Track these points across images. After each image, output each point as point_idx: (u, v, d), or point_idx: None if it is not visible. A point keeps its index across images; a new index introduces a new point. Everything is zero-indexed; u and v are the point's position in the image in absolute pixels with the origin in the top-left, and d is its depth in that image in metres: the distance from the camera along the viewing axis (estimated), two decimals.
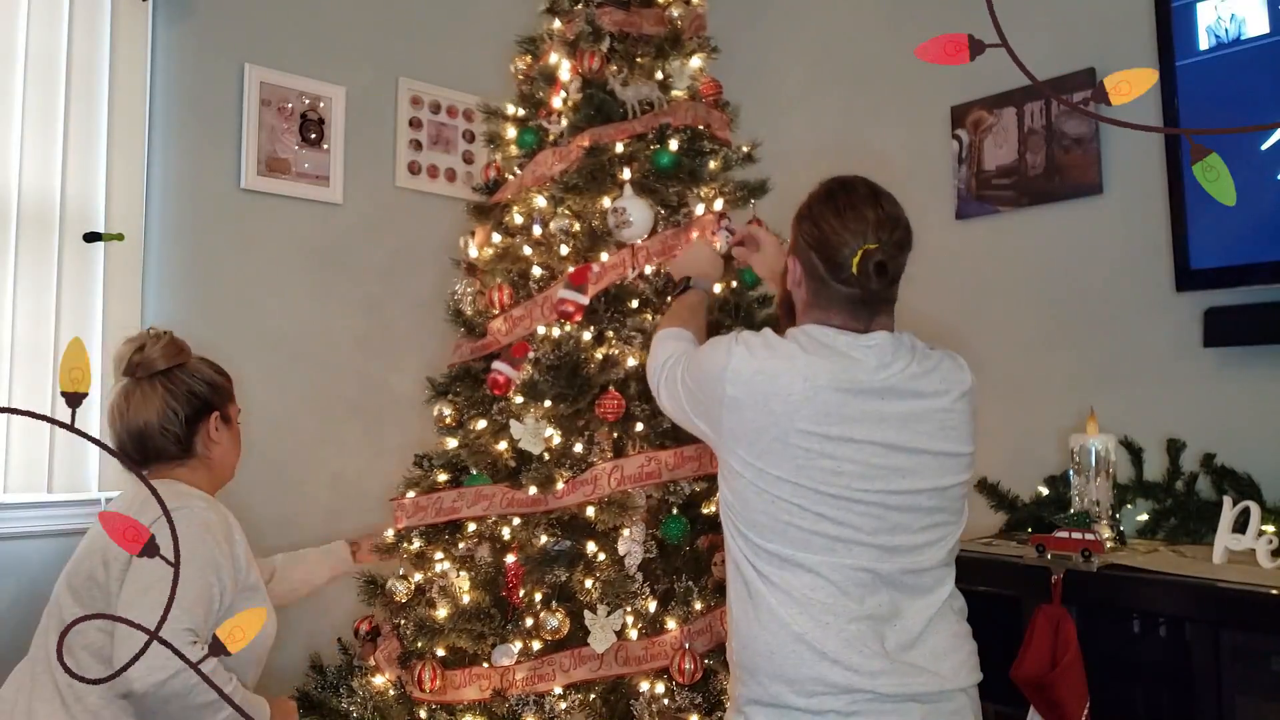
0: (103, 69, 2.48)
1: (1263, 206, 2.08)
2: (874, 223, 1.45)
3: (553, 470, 2.00)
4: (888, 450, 1.39)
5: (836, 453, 1.37)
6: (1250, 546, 1.89)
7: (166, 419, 1.80)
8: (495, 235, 2.35)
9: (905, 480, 1.40)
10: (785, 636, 1.34)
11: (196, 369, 1.88)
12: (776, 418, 1.38)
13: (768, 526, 1.38)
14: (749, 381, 1.42)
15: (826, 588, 1.35)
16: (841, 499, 1.36)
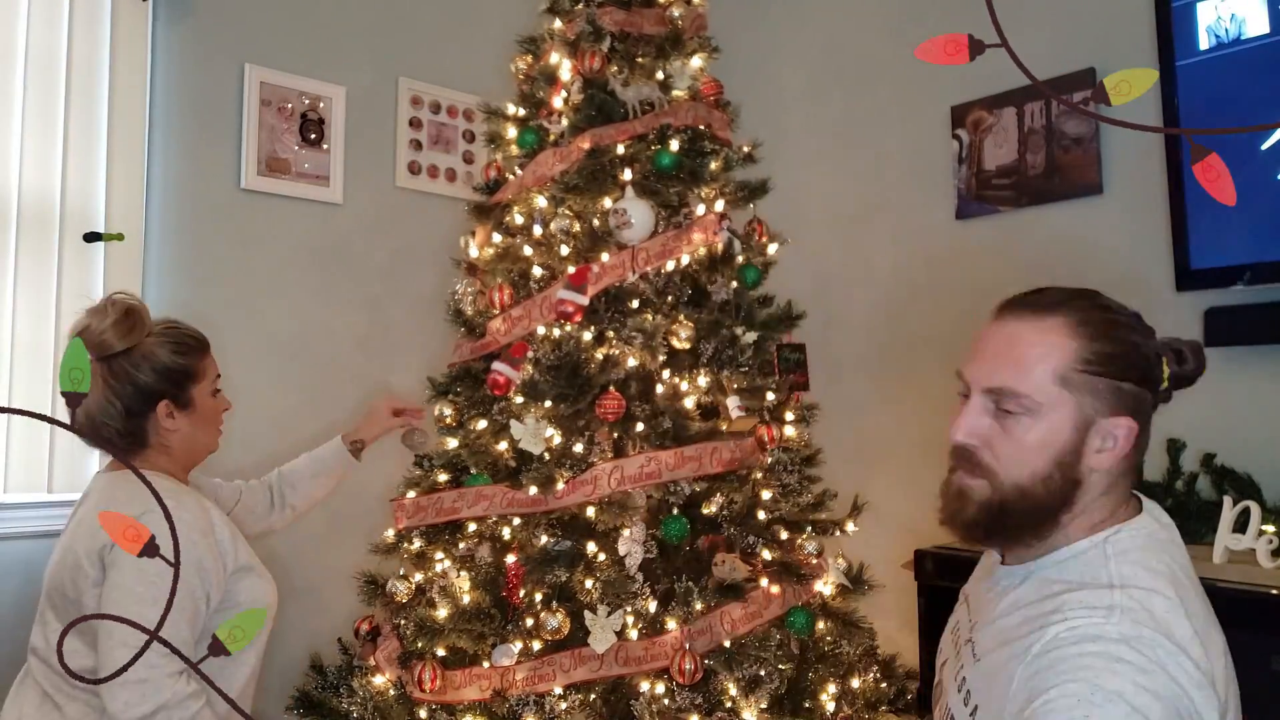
0: (103, 69, 2.48)
1: (1263, 206, 2.08)
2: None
3: (553, 470, 1.99)
4: None
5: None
6: (1250, 546, 1.89)
7: (104, 410, 1.66)
8: (496, 235, 2.34)
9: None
10: None
11: (148, 352, 1.69)
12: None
13: None
14: None
15: None
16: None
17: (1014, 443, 1.09)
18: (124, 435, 1.69)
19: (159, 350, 1.71)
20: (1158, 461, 2.29)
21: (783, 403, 2.19)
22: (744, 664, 1.87)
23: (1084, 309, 1.11)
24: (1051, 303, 1.12)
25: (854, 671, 2.06)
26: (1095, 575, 1.03)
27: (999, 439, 1.10)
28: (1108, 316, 1.11)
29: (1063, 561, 1.08)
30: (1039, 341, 1.09)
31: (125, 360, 1.67)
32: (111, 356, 1.66)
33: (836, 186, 3.19)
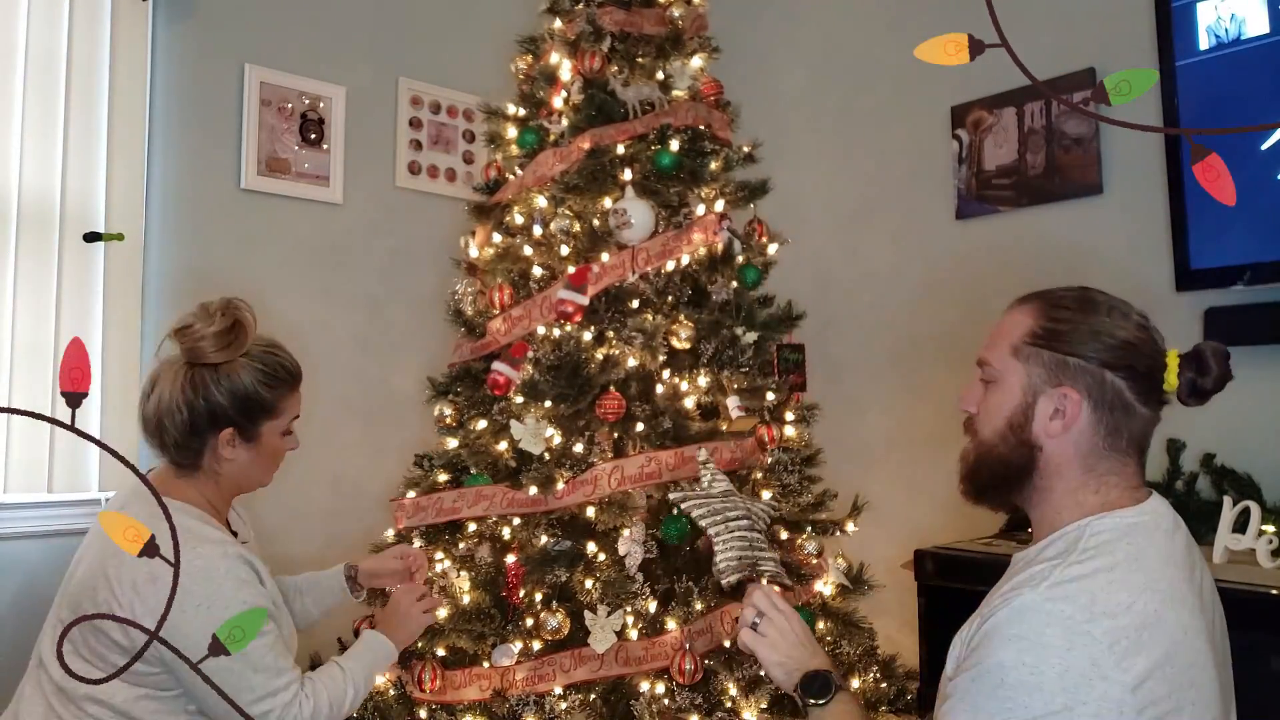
0: (103, 69, 2.48)
1: (1263, 206, 2.08)
2: (1150, 327, 1.18)
3: (553, 470, 1.99)
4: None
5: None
6: (1250, 546, 1.89)
7: (171, 416, 1.55)
8: (496, 235, 2.34)
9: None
10: None
11: (233, 373, 1.57)
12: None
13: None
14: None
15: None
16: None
17: (986, 406, 1.24)
18: (179, 447, 1.58)
19: (244, 374, 1.59)
20: (1158, 461, 2.29)
21: (783, 403, 2.19)
22: (744, 664, 1.87)
23: (1059, 296, 1.22)
24: (1041, 292, 1.24)
25: (854, 671, 2.06)
26: (1060, 555, 1.10)
27: (982, 404, 1.25)
28: (1072, 301, 1.20)
29: (1045, 546, 1.15)
30: (1012, 321, 1.23)
31: (209, 373, 1.55)
32: (199, 364, 1.56)
33: (836, 186, 3.19)
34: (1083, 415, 1.15)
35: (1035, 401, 1.18)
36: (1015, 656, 1.00)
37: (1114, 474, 1.16)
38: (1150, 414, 1.16)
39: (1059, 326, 1.18)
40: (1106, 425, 1.15)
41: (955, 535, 2.36)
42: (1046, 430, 1.17)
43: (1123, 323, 1.16)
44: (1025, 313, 1.22)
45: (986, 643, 1.03)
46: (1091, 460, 1.16)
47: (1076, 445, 1.16)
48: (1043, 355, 1.18)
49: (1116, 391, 1.14)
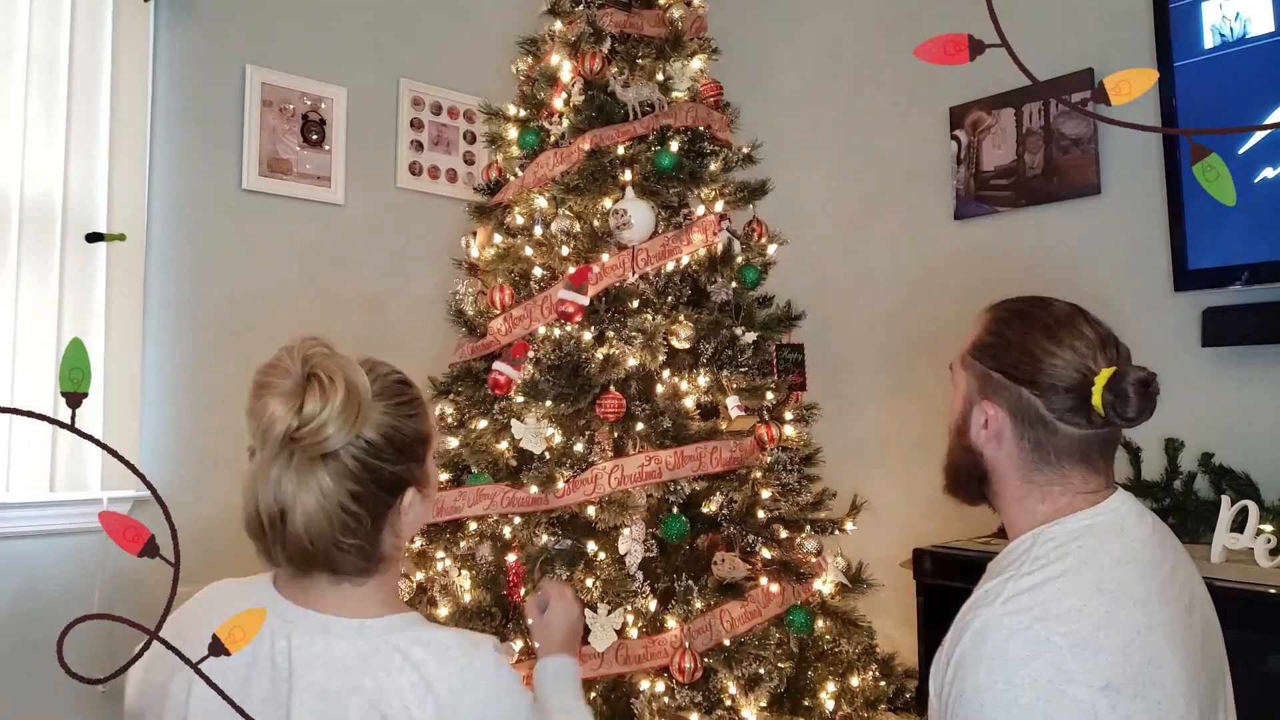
0: (104, 70, 2.49)
1: (1261, 207, 2.08)
2: (1098, 341, 1.17)
3: (553, 470, 2.00)
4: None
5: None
6: (1248, 545, 1.90)
7: (344, 527, 1.07)
8: (496, 236, 2.35)
9: None
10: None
11: (381, 429, 1.10)
12: None
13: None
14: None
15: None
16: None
17: (949, 409, 1.29)
18: (364, 552, 1.09)
19: (389, 419, 1.13)
20: (1156, 461, 2.30)
21: (782, 402, 2.19)
22: (744, 662, 1.88)
23: (1010, 309, 1.24)
24: (1000, 302, 1.27)
25: (853, 670, 2.07)
26: (1013, 566, 1.12)
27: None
28: (1012, 316, 1.22)
29: (1004, 555, 1.18)
30: (970, 330, 1.27)
31: (359, 448, 1.08)
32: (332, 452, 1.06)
33: (835, 187, 3.19)
34: (1006, 429, 1.19)
35: (970, 410, 1.23)
36: (986, 678, 1.02)
37: (1056, 484, 1.18)
38: (1079, 432, 1.16)
39: (992, 340, 1.22)
40: (1030, 440, 1.18)
41: (953, 534, 2.36)
42: (980, 438, 1.22)
43: (1048, 344, 1.16)
44: (979, 322, 1.26)
45: (959, 673, 1.05)
46: (1028, 471, 1.19)
47: (1010, 456, 1.20)
48: (976, 367, 1.23)
49: (1034, 409, 1.16)
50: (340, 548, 1.07)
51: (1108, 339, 1.19)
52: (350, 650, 1.06)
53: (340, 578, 1.10)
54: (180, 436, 2.63)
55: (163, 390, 2.60)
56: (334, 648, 1.07)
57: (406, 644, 1.08)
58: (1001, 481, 1.22)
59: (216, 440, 2.68)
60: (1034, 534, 1.15)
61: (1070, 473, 1.17)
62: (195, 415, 2.65)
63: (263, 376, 1.08)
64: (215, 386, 2.69)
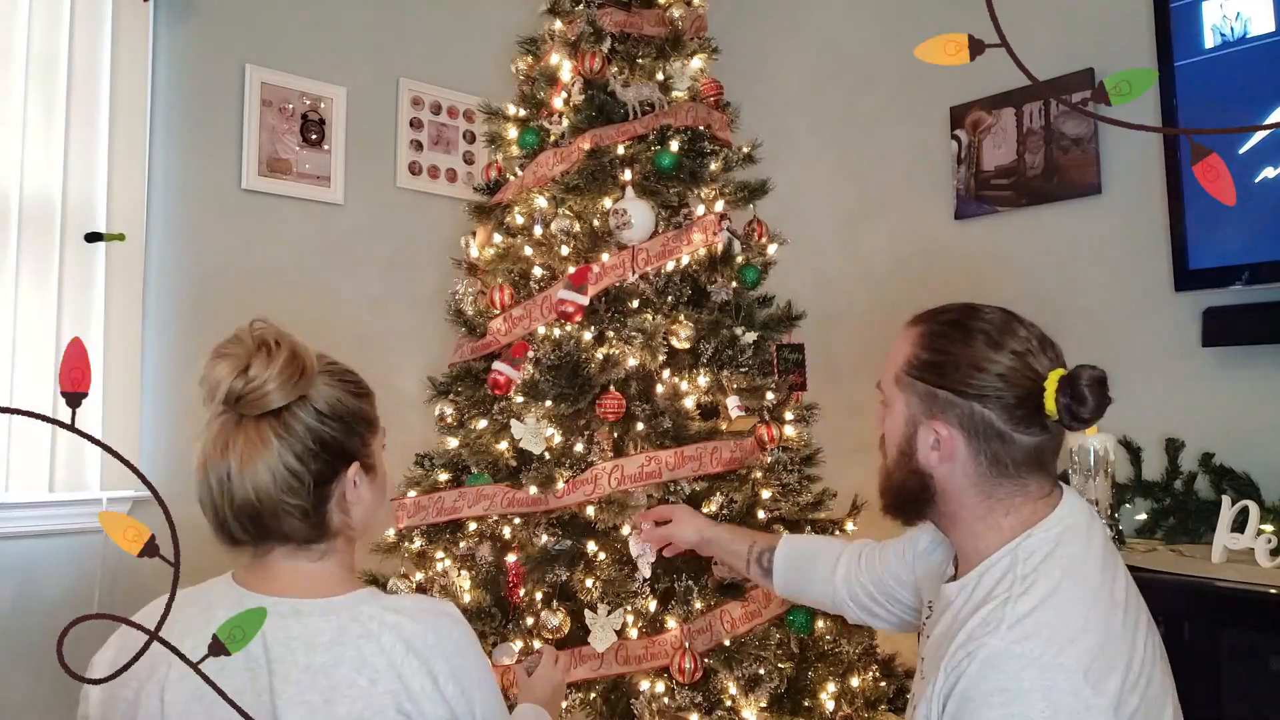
0: (104, 70, 2.49)
1: (1261, 207, 2.08)
2: (1037, 343, 1.15)
3: (553, 470, 2.00)
4: None
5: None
6: (1249, 546, 1.89)
7: (288, 486, 1.13)
8: (496, 236, 2.35)
9: None
10: None
11: (323, 400, 1.18)
12: None
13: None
14: None
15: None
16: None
17: (886, 430, 1.25)
18: (309, 515, 1.15)
19: (333, 392, 1.20)
20: (1157, 461, 2.30)
21: (782, 402, 2.19)
22: (744, 663, 1.87)
23: (941, 321, 1.21)
24: (926, 316, 1.24)
25: (853, 670, 2.06)
26: (1002, 587, 1.08)
27: (884, 428, 1.27)
28: (949, 329, 1.19)
29: (981, 576, 1.14)
30: (899, 347, 1.23)
31: (297, 411, 1.15)
32: (280, 409, 1.15)
33: (836, 187, 3.19)
34: (960, 447, 1.15)
35: (916, 432, 1.18)
36: (1001, 713, 0.98)
37: (1016, 495, 1.15)
38: (1034, 439, 1.13)
39: (931, 358, 1.18)
40: (986, 455, 1.14)
41: None
42: (930, 460, 1.17)
43: (994, 354, 1.14)
44: (908, 338, 1.23)
45: (967, 707, 1.01)
46: (986, 487, 1.15)
47: (965, 474, 1.15)
48: (918, 386, 1.18)
49: (987, 423, 1.13)
50: (285, 509, 1.13)
51: (1044, 340, 1.17)
52: (326, 626, 1.11)
53: (293, 551, 1.16)
54: (180, 436, 2.62)
55: (162, 390, 2.60)
56: (310, 626, 1.11)
57: (379, 611, 1.14)
58: (956, 501, 1.18)
59: None
60: (1009, 550, 1.12)
61: (1028, 481, 1.15)
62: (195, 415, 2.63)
63: (218, 348, 1.19)
64: None
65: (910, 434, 1.19)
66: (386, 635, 1.11)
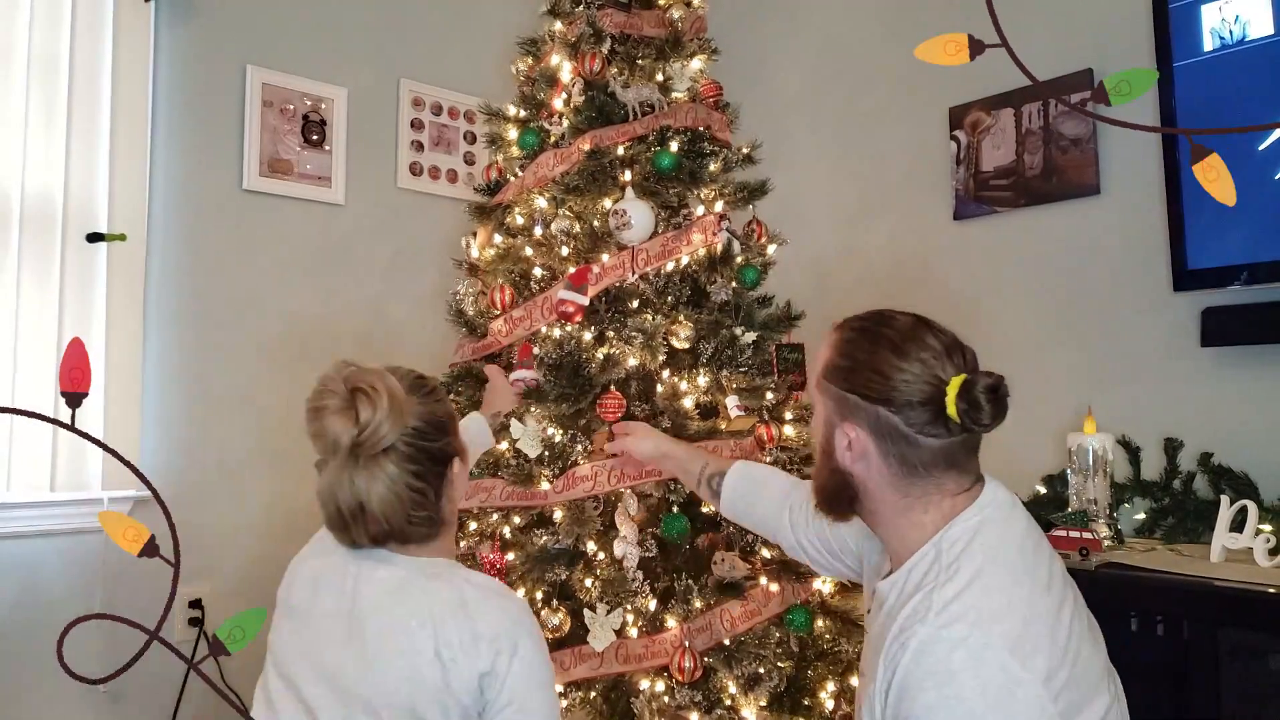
0: (105, 70, 2.49)
1: (1260, 207, 2.08)
2: (944, 350, 1.18)
3: (534, 469, 2.01)
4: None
5: None
6: (1248, 545, 1.90)
7: (413, 503, 1.29)
8: (497, 236, 2.35)
9: None
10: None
11: (422, 415, 1.32)
12: None
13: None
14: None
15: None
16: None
17: (812, 430, 1.31)
18: (432, 520, 1.34)
19: (424, 404, 1.36)
20: (1156, 461, 2.30)
21: (782, 402, 2.19)
22: (743, 662, 1.88)
23: (855, 328, 1.26)
24: (844, 321, 1.29)
25: (853, 669, 2.07)
26: (929, 578, 1.13)
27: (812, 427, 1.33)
28: (857, 336, 1.24)
29: (909, 571, 1.17)
30: (821, 351, 1.29)
31: (412, 436, 1.30)
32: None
33: (835, 187, 3.20)
34: (870, 448, 1.19)
35: (833, 433, 1.23)
36: (936, 695, 1.01)
37: (933, 492, 1.18)
38: (941, 442, 1.16)
39: (842, 363, 1.23)
40: (895, 456, 1.18)
41: None
42: (846, 460, 1.22)
43: (897, 360, 1.17)
44: (828, 343, 1.28)
45: (905, 695, 1.04)
46: (902, 486, 1.19)
47: (880, 473, 1.20)
48: (831, 390, 1.24)
49: (893, 426, 1.17)
50: (412, 522, 1.30)
51: (953, 346, 1.19)
52: (404, 575, 1.29)
53: (408, 546, 1.34)
54: (180, 436, 2.63)
55: (163, 390, 2.60)
56: (392, 573, 1.30)
57: (448, 571, 1.32)
58: (876, 499, 1.22)
59: (216, 440, 2.68)
60: (933, 543, 1.16)
61: (943, 479, 1.18)
62: (195, 415, 2.66)
63: (314, 402, 1.29)
64: (215, 386, 2.69)
65: (829, 434, 1.24)
66: (446, 590, 1.27)
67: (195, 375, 2.67)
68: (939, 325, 1.22)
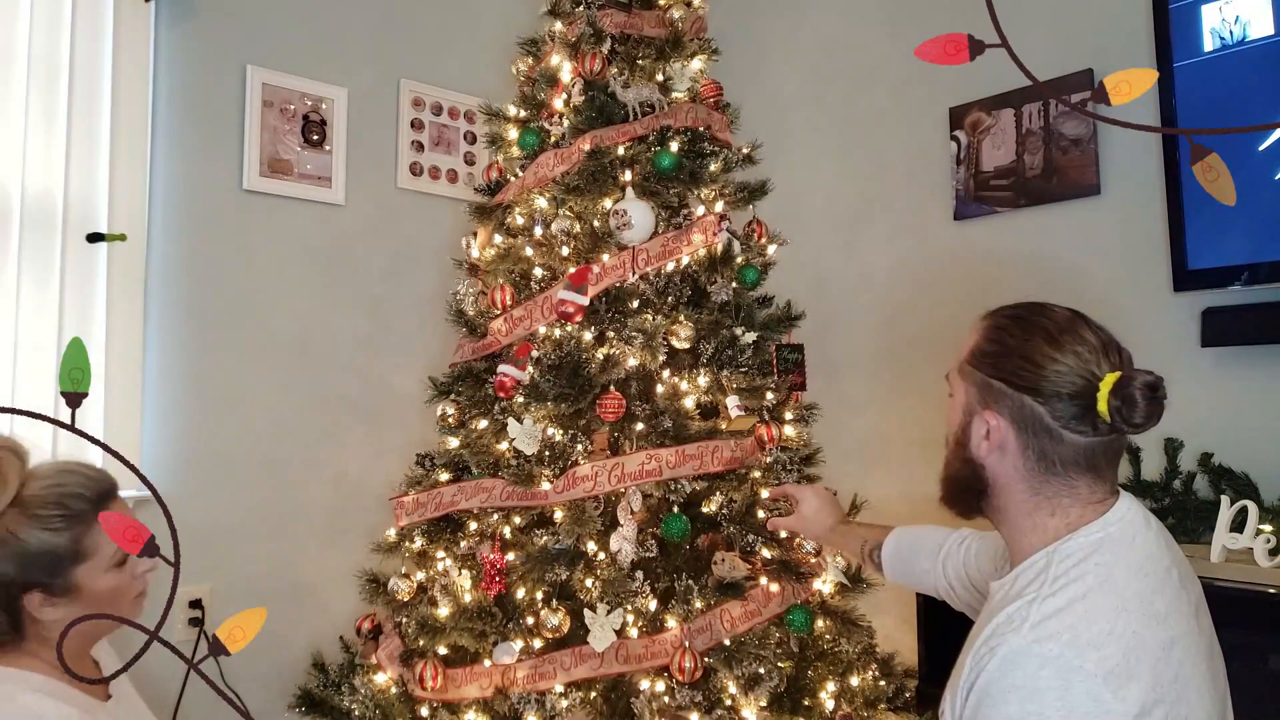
0: (105, 70, 2.49)
1: (1260, 207, 2.08)
2: (1100, 346, 1.14)
3: (533, 469, 2.01)
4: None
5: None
6: (1248, 545, 1.90)
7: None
8: (497, 236, 2.36)
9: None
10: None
11: (6, 537, 1.32)
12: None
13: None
14: None
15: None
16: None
17: (947, 419, 1.27)
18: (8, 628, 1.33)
19: (21, 530, 1.32)
20: (1156, 461, 2.30)
21: (782, 402, 2.20)
22: (744, 662, 1.88)
23: (1006, 315, 1.22)
24: (996, 310, 1.25)
25: (853, 669, 2.07)
26: (1033, 587, 1.09)
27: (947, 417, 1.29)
28: (1010, 323, 1.20)
29: (1019, 574, 1.14)
30: (967, 338, 1.25)
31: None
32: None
33: (835, 188, 3.20)
34: (1010, 439, 1.16)
35: (971, 421, 1.20)
36: (1018, 709, 0.99)
37: (1065, 495, 1.15)
38: (1085, 440, 1.13)
39: (992, 348, 1.19)
40: (1034, 450, 1.15)
41: None
42: (981, 450, 1.19)
43: (1050, 350, 1.14)
44: (976, 329, 1.25)
45: (985, 702, 1.02)
46: (1035, 483, 1.16)
47: (1015, 467, 1.17)
48: (975, 376, 1.20)
49: (1037, 417, 1.14)
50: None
51: (1109, 343, 1.15)
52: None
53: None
54: (180, 436, 2.63)
55: (163, 390, 2.60)
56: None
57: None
58: (1006, 495, 1.19)
59: (217, 440, 2.68)
60: (1048, 552, 1.12)
61: (1077, 482, 1.14)
62: (195, 415, 2.66)
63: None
64: (216, 386, 2.69)
65: (966, 423, 1.21)
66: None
67: (195, 375, 2.67)
68: (1096, 322, 1.19)
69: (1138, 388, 1.08)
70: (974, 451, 1.20)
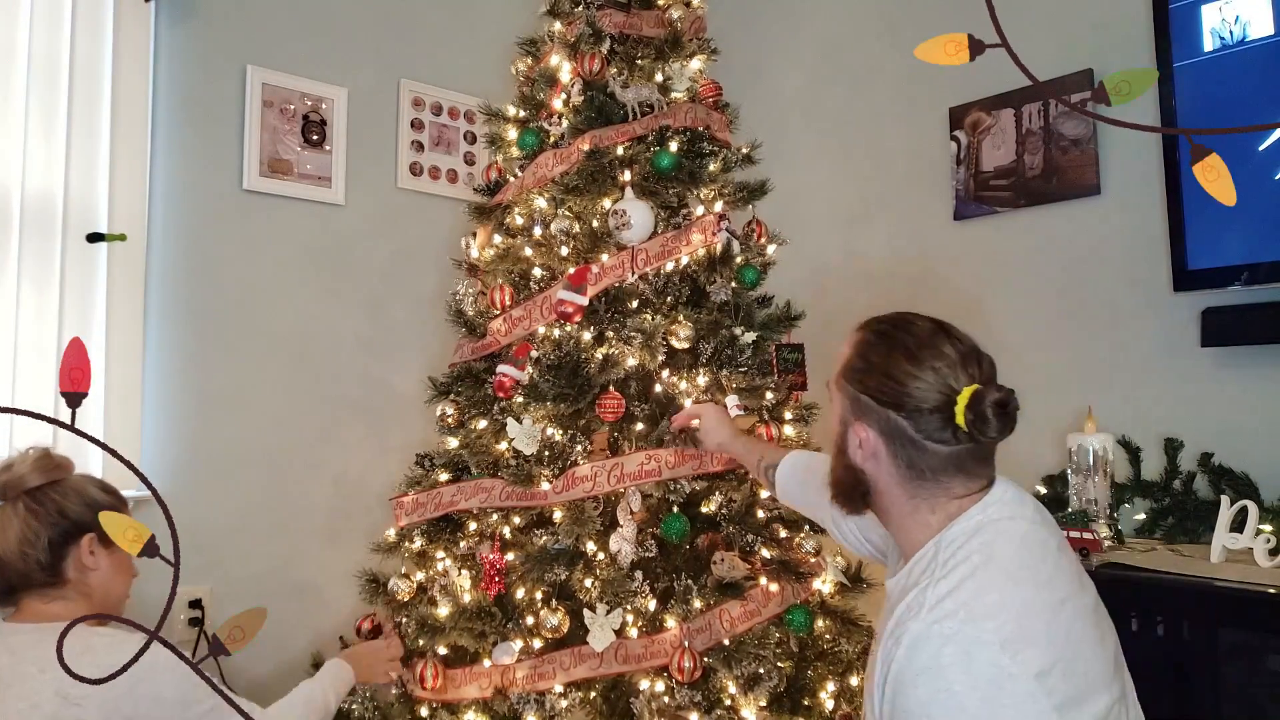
0: (105, 70, 2.49)
1: (1260, 207, 2.08)
2: (959, 359, 1.19)
3: (534, 469, 2.01)
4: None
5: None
6: (1248, 545, 1.90)
7: (27, 541, 1.58)
8: (496, 236, 2.35)
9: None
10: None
11: (73, 488, 1.65)
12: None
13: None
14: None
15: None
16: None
17: (831, 426, 1.34)
18: (45, 568, 1.60)
19: (86, 484, 1.68)
20: (1156, 461, 2.30)
21: (781, 402, 2.19)
22: (743, 662, 1.88)
23: (875, 330, 1.28)
24: (866, 322, 1.32)
25: (853, 669, 2.07)
26: (925, 575, 1.15)
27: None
28: (876, 339, 1.26)
29: (911, 568, 1.20)
30: (842, 350, 1.31)
31: (49, 491, 1.62)
32: (34, 489, 1.62)
33: (835, 188, 3.20)
34: (881, 449, 1.22)
35: (846, 431, 1.27)
36: (928, 690, 1.03)
37: (940, 495, 1.21)
38: (950, 449, 1.18)
39: (859, 364, 1.25)
40: (904, 459, 1.21)
41: None
42: (858, 458, 1.25)
43: (910, 367, 1.19)
44: (849, 342, 1.31)
45: (899, 690, 1.06)
46: (910, 488, 1.22)
47: (890, 474, 1.23)
48: (847, 389, 1.27)
49: (902, 430, 1.19)
50: (27, 560, 1.58)
51: (969, 355, 1.20)
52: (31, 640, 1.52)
53: (40, 595, 1.61)
54: (180, 436, 2.63)
55: (163, 390, 2.60)
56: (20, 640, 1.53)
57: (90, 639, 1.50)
58: (887, 497, 1.25)
59: (217, 440, 2.68)
60: (935, 542, 1.18)
61: (950, 483, 1.20)
62: (195, 415, 2.66)
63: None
64: (216, 386, 2.69)
65: (843, 432, 1.28)
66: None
67: (195, 375, 2.67)
68: (958, 332, 1.23)
69: (989, 405, 1.13)
70: (851, 458, 1.26)
